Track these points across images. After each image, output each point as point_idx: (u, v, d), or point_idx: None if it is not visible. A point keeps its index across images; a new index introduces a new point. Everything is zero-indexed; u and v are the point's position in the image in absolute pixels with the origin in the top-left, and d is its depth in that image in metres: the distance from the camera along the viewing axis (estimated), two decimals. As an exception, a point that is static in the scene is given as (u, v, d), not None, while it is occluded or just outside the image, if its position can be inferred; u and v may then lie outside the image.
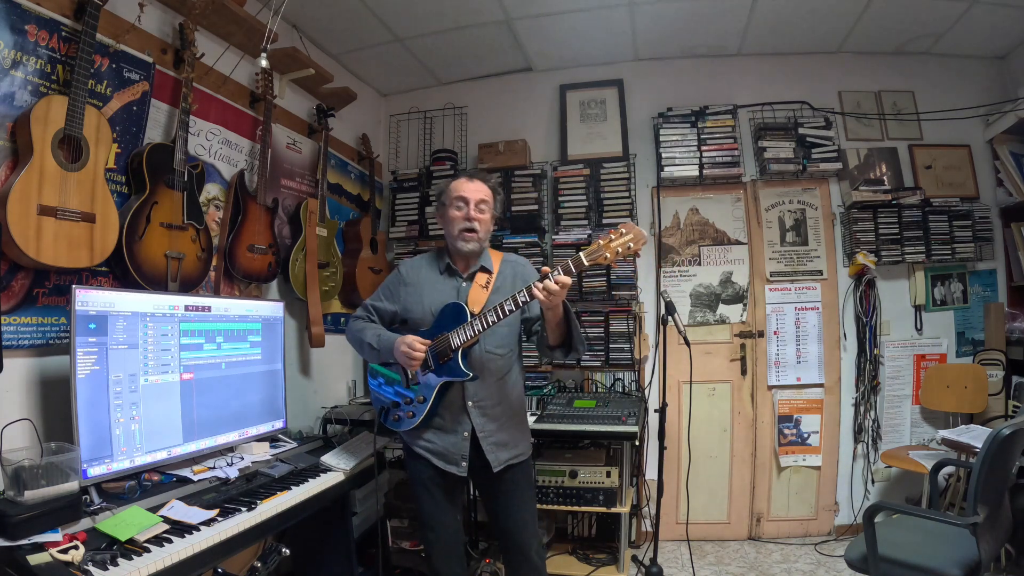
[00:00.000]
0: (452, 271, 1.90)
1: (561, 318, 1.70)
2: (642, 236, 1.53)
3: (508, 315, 1.67)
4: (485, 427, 1.82)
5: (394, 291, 1.96)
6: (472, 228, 1.84)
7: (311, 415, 2.84)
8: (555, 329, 1.73)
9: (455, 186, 1.88)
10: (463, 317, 1.75)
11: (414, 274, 1.94)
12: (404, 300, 1.92)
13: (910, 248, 3.21)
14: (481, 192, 1.86)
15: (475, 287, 1.85)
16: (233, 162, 2.46)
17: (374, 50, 3.26)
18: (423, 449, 1.85)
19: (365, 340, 1.89)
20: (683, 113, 3.38)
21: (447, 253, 1.93)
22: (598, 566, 2.78)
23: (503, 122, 3.64)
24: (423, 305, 1.87)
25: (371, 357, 1.93)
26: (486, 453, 1.81)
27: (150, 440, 1.76)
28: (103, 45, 1.85)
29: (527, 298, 1.63)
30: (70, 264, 1.65)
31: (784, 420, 3.30)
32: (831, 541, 3.17)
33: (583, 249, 1.59)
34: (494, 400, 1.84)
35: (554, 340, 1.77)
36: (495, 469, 1.82)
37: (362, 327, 1.94)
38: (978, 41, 3.20)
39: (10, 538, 1.28)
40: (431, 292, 1.88)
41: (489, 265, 1.90)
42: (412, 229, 3.55)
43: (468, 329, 1.72)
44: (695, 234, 3.44)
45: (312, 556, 2.33)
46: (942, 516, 1.94)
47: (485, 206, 1.87)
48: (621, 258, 1.55)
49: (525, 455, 1.92)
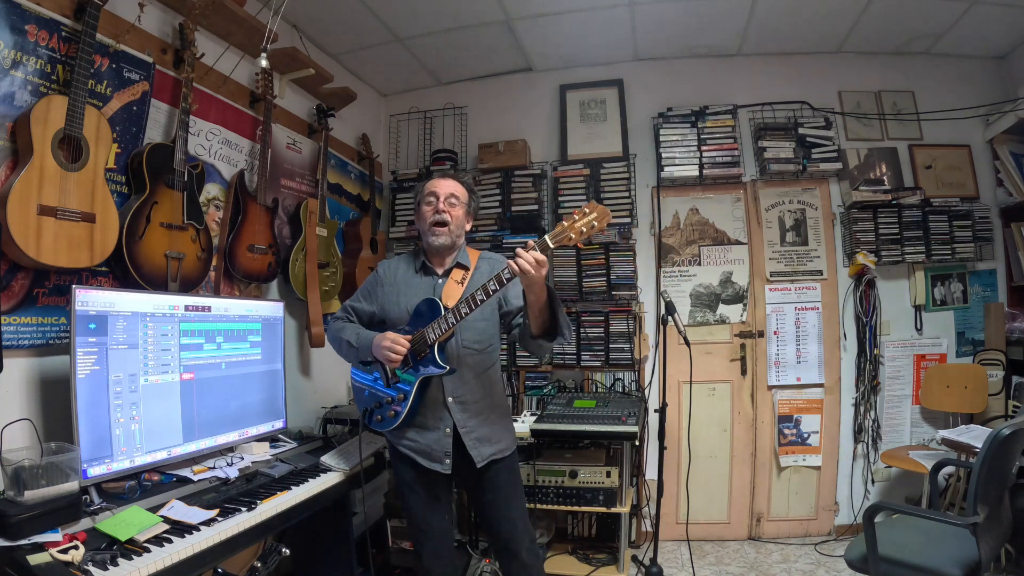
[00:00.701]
0: (428, 269, 1.91)
1: (545, 302, 1.66)
2: (606, 213, 1.53)
3: (480, 304, 1.66)
4: (467, 423, 1.81)
5: (372, 291, 1.97)
6: (442, 221, 1.84)
7: (311, 415, 2.84)
8: (539, 315, 1.68)
9: (428, 184, 1.91)
10: (437, 312, 1.76)
11: (391, 274, 1.95)
12: (381, 300, 1.93)
13: (910, 248, 3.21)
14: (451, 187, 1.88)
15: (450, 283, 1.85)
16: (233, 162, 2.46)
17: (374, 50, 3.26)
18: (407, 448, 1.86)
19: (344, 338, 1.89)
20: (683, 113, 3.38)
21: (423, 252, 1.94)
22: (598, 566, 2.78)
23: (503, 122, 3.64)
24: (399, 304, 1.88)
25: (350, 356, 1.93)
26: (468, 448, 1.80)
27: (150, 440, 1.76)
28: (103, 45, 1.85)
29: (496, 286, 1.61)
30: (70, 264, 1.65)
31: (784, 420, 3.30)
32: (831, 541, 3.17)
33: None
34: (474, 395, 1.83)
35: (537, 328, 1.70)
36: (478, 465, 1.81)
37: (341, 327, 1.94)
38: (978, 41, 3.20)
39: (10, 538, 1.28)
40: (407, 291, 1.89)
41: (466, 261, 1.90)
42: (412, 229, 3.55)
43: (443, 323, 1.72)
44: (695, 234, 3.44)
45: (312, 556, 2.33)
46: (942, 516, 1.94)
47: (455, 200, 1.87)
48: (587, 237, 1.54)
49: (509, 450, 1.91)
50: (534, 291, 1.61)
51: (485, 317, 1.84)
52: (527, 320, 1.71)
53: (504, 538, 1.88)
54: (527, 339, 1.75)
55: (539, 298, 1.64)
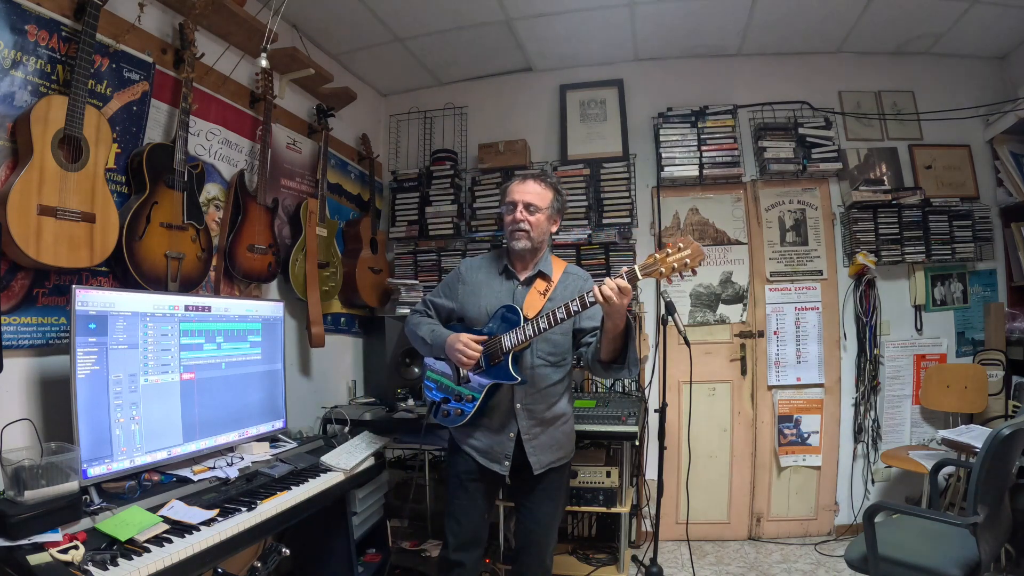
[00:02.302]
0: (510, 273, 1.91)
1: (621, 331, 1.65)
2: (700, 252, 1.49)
3: (560, 323, 1.68)
4: (531, 430, 1.83)
5: (452, 288, 1.98)
6: (521, 228, 1.84)
7: (311, 415, 2.84)
8: (611, 342, 1.67)
9: (508, 189, 1.91)
10: (516, 321, 1.77)
11: (472, 273, 1.96)
12: (461, 298, 1.94)
13: (910, 248, 3.21)
14: (529, 194, 1.85)
15: (532, 292, 1.86)
16: (233, 162, 2.46)
17: (374, 50, 3.26)
18: (469, 447, 1.88)
19: (419, 334, 1.92)
20: (683, 113, 3.38)
21: (506, 255, 1.94)
22: (598, 566, 2.78)
23: (503, 122, 3.64)
24: (479, 305, 1.89)
25: (424, 351, 1.97)
26: (528, 455, 1.83)
27: (150, 440, 1.75)
28: (103, 45, 1.85)
29: (579, 307, 1.62)
30: (70, 264, 1.65)
31: (784, 420, 3.30)
32: (831, 541, 3.17)
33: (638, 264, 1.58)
34: (542, 405, 1.84)
35: (607, 354, 1.70)
36: (536, 472, 1.83)
37: (418, 321, 1.97)
38: (978, 41, 3.20)
39: (10, 538, 1.28)
40: (488, 293, 1.90)
41: (549, 272, 1.90)
42: (412, 229, 3.54)
43: (520, 333, 1.73)
44: (695, 234, 3.44)
45: (312, 556, 2.33)
46: (942, 516, 1.94)
47: (534, 207, 1.85)
48: (677, 274, 1.51)
49: (567, 459, 1.94)
50: (613, 319, 1.61)
51: (564, 331, 1.83)
52: (599, 344, 1.71)
53: (537, 541, 1.90)
54: (595, 361, 1.76)
55: (617, 326, 1.64)
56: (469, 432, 1.88)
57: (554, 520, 1.93)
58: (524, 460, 1.84)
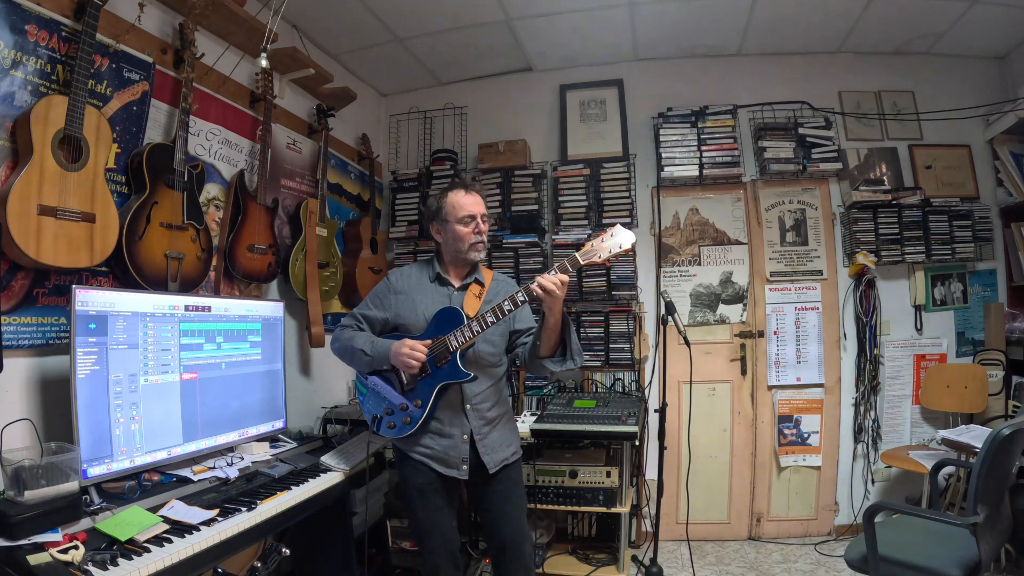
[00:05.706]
0: (443, 280, 1.94)
1: (559, 323, 1.73)
2: (631, 236, 1.64)
3: (507, 314, 1.74)
4: (481, 429, 1.86)
5: (384, 299, 1.97)
6: (483, 240, 1.91)
7: (311, 415, 2.84)
8: (551, 336, 1.75)
9: (457, 202, 1.88)
10: (459, 321, 1.79)
11: (403, 282, 1.97)
12: (395, 307, 1.94)
13: (910, 248, 3.21)
14: (482, 205, 1.92)
15: (469, 296, 1.90)
16: (233, 162, 2.46)
17: (374, 50, 3.26)
18: (421, 455, 1.86)
19: (357, 347, 1.87)
20: (683, 113, 3.38)
21: (438, 263, 1.96)
22: (598, 566, 2.78)
23: (503, 122, 3.64)
24: (416, 311, 1.90)
25: (362, 365, 1.91)
26: (482, 455, 1.84)
27: (150, 440, 1.76)
28: (103, 45, 1.85)
29: (525, 297, 1.69)
30: (70, 264, 1.65)
31: (784, 420, 3.30)
32: (831, 541, 3.17)
33: (579, 249, 1.68)
34: (490, 402, 1.89)
35: (547, 349, 1.77)
36: (491, 471, 1.85)
37: (352, 335, 1.93)
38: (978, 41, 3.20)
39: (10, 538, 1.28)
40: (423, 299, 1.91)
41: (482, 279, 1.97)
42: (412, 229, 3.55)
43: (467, 331, 1.76)
44: (695, 234, 3.44)
45: (312, 556, 2.33)
46: (942, 516, 1.94)
47: (486, 217, 1.93)
48: (614, 258, 1.66)
49: (518, 454, 1.98)
50: (553, 312, 1.69)
51: (501, 333, 1.91)
52: (537, 340, 1.79)
53: (512, 540, 1.90)
54: (534, 358, 1.83)
55: (556, 318, 1.72)
56: (417, 439, 1.86)
57: (523, 514, 1.95)
58: (478, 462, 1.85)
